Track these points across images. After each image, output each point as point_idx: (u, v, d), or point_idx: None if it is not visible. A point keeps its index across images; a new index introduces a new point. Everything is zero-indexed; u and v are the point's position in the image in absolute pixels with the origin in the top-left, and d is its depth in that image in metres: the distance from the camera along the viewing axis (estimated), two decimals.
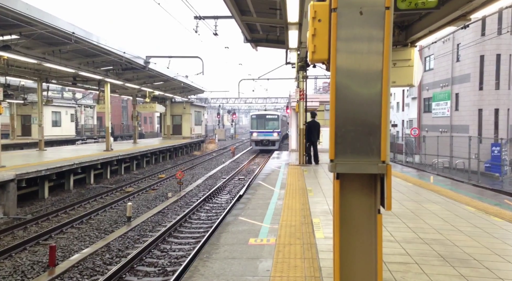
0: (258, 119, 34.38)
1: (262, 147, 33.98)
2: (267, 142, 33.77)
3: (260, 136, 33.77)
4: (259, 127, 33.88)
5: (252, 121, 34.93)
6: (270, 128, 33.86)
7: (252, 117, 35.25)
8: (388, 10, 2.67)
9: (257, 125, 34.14)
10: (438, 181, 12.36)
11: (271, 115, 34.91)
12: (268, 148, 33.60)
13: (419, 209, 7.50)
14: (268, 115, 34.84)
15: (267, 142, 33.77)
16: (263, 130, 33.78)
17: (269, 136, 33.65)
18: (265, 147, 33.91)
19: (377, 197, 2.81)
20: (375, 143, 2.72)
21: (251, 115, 35.96)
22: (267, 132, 33.69)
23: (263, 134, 33.69)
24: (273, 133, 33.65)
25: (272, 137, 33.72)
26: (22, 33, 13.73)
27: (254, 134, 34.09)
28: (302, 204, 7.92)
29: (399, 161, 28.93)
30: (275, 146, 33.39)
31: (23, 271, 7.44)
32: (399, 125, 38.73)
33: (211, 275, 4.28)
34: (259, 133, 33.73)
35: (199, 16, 14.84)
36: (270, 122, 34.28)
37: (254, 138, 34.31)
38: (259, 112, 36.67)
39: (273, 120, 34.43)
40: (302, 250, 5.05)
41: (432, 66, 32.00)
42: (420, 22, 8.57)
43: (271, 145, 33.65)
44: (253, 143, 34.79)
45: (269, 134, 33.62)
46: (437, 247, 5.15)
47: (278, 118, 34.55)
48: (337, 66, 2.74)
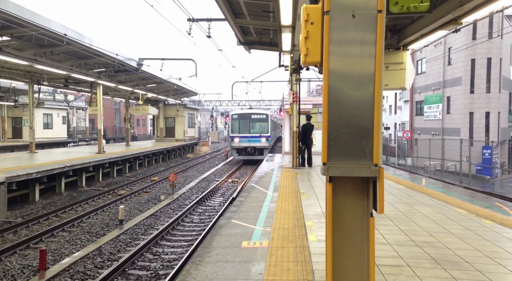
0: (240, 121, 26.56)
1: (246, 156, 26.24)
2: (253, 150, 26.02)
3: (243, 142, 25.85)
4: (242, 131, 26.15)
5: (233, 123, 26.79)
6: (256, 132, 26.23)
7: (233, 118, 27.09)
8: (381, 14, 2.67)
9: (239, 128, 26.32)
10: (430, 183, 12.43)
11: (258, 115, 27.15)
12: (254, 157, 25.88)
13: (411, 212, 7.52)
14: (254, 115, 27.00)
15: (253, 150, 26.03)
16: (247, 134, 26.05)
17: (255, 143, 25.86)
18: (250, 156, 26.10)
19: (369, 200, 2.81)
20: (368, 146, 2.72)
21: (232, 115, 27.58)
22: (252, 137, 25.97)
23: (247, 139, 25.91)
24: (260, 138, 25.98)
25: (259, 143, 25.84)
26: (13, 35, 13.60)
27: (236, 140, 26.04)
28: (295, 206, 7.91)
29: (392, 163, 29.09)
30: (263, 155, 25.09)
31: (13, 275, 7.34)
32: (391, 128, 38.95)
33: (203, 279, 4.25)
34: (242, 138, 25.94)
35: (193, 19, 14.81)
36: (256, 123, 26.69)
37: (236, 146, 26.11)
38: (242, 111, 28.54)
39: (261, 121, 26.84)
40: (295, 253, 5.04)
41: (424, 69, 32.26)
42: (412, 26, 8.63)
43: (258, 154, 25.94)
44: (234, 151, 26.57)
45: (255, 140, 25.94)
46: (429, 250, 5.17)
47: (267, 118, 26.90)
48: (330, 69, 2.74)
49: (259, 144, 26.01)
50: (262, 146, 26.16)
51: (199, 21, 15.15)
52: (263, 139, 26.10)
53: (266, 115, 27.15)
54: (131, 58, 20.24)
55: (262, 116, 27.01)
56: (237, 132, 26.27)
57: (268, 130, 26.55)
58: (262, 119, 26.91)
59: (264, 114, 27.22)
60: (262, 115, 27.13)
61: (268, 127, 26.66)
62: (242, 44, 15.28)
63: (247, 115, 27.05)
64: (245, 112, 27.85)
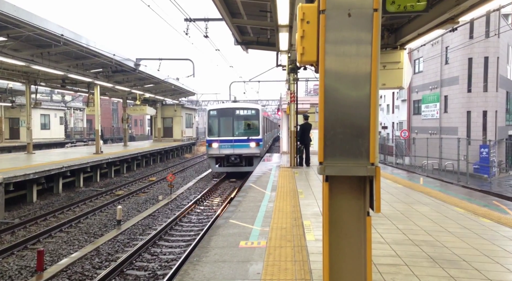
0: (221, 119, 19.42)
1: (229, 168, 19.15)
2: (238, 158, 18.86)
3: (224, 149, 18.80)
4: (224, 133, 19.16)
5: (211, 122, 19.57)
6: (243, 134, 19.26)
7: (211, 115, 19.56)
8: (376, 12, 2.67)
9: (219, 129, 19.27)
10: (428, 182, 12.45)
11: (245, 111, 19.87)
12: (240, 169, 18.99)
13: (409, 211, 7.53)
14: (240, 111, 19.74)
15: (238, 159, 18.87)
16: (230, 137, 19.02)
17: (242, 149, 18.84)
18: (235, 168, 19.06)
19: (366, 199, 2.81)
20: (364, 145, 2.72)
21: (209, 112, 19.85)
22: (237, 141, 18.95)
23: (230, 145, 18.86)
24: (248, 142, 18.92)
25: (247, 150, 18.86)
26: (9, 35, 13.55)
27: (214, 145, 18.82)
28: (293, 206, 7.91)
29: (389, 162, 29.13)
30: (252, 166, 18.30)
31: (10, 276, 7.32)
32: (389, 127, 39.00)
33: (201, 279, 4.24)
34: (224, 143, 18.81)
35: (190, 18, 14.79)
36: (243, 122, 19.73)
37: (214, 153, 18.92)
38: (223, 106, 22.06)
39: (249, 118, 19.72)
40: (292, 253, 5.04)
41: (421, 68, 32.31)
42: (409, 25, 8.65)
43: (246, 164, 19.03)
44: (212, 161, 19.28)
45: (241, 145, 18.91)
46: (427, 249, 5.17)
47: (258, 115, 19.63)
48: (326, 68, 2.74)
49: (247, 151, 18.62)
50: (250, 153, 18.62)
51: (196, 21, 15.14)
52: (252, 144, 18.66)
53: (256, 110, 19.49)
54: (128, 58, 20.21)
55: (250, 112, 19.49)
56: (216, 134, 18.96)
57: (260, 131, 19.18)
58: (251, 116, 19.49)
59: (254, 109, 19.58)
60: (250, 111, 19.54)
61: (260, 127, 19.22)
62: (239, 44, 15.27)
63: (229, 111, 19.41)
64: (227, 106, 20.38)
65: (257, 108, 19.92)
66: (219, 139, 18.96)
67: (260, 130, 19.52)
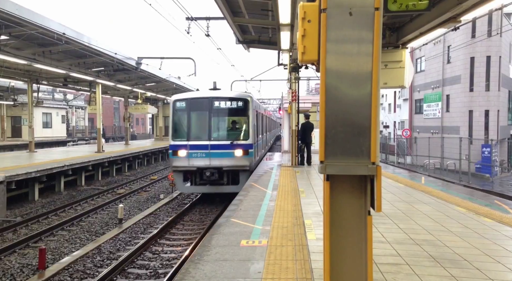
0: (192, 113, 13.32)
1: (203, 187, 13.18)
2: (216, 173, 12.78)
3: (196, 158, 12.81)
4: (196, 135, 13.16)
5: (177, 119, 13.42)
6: (224, 137, 13.21)
7: (177, 108, 13.36)
8: (378, 11, 2.67)
9: (188, 129, 13.18)
10: (429, 181, 12.43)
11: (228, 102, 13.40)
12: (220, 189, 13.13)
13: (410, 210, 7.52)
14: (221, 101, 13.30)
15: (216, 175, 12.80)
16: (204, 141, 12.92)
17: (223, 159, 12.85)
18: (212, 188, 13.08)
19: (367, 198, 2.80)
20: (365, 144, 2.72)
21: (174, 103, 13.41)
22: (216, 147, 12.88)
23: (205, 153, 12.83)
24: (233, 149, 12.92)
25: (231, 160, 12.88)
26: (11, 34, 13.58)
27: (181, 153, 12.86)
28: (294, 205, 7.91)
29: (391, 162, 29.10)
30: (237, 185, 12.68)
31: (12, 274, 7.34)
32: (391, 126, 38.95)
33: (202, 277, 4.25)
34: (195, 151, 12.84)
35: (191, 17, 14.79)
36: (225, 119, 13.53)
37: (181, 165, 12.89)
38: (195, 94, 14.43)
39: (235, 113, 13.53)
40: (294, 252, 5.04)
41: (423, 67, 32.24)
42: (411, 24, 8.62)
43: (229, 182, 13.09)
44: (178, 176, 13.12)
45: (221, 153, 12.87)
46: (428, 248, 5.17)
47: (247, 107, 13.34)
48: (327, 67, 2.73)
49: (230, 162, 12.64)
50: (235, 166, 12.66)
51: (198, 19, 15.13)
52: (238, 151, 12.67)
53: (244, 102, 13.16)
54: (130, 57, 20.21)
55: (237, 105, 13.14)
56: (184, 137, 12.84)
57: (250, 132, 13.05)
58: (238, 110, 13.18)
59: (241, 100, 13.19)
60: (237, 103, 13.16)
61: (250, 126, 13.11)
62: (241, 42, 15.27)
63: (204, 102, 13.05)
64: (201, 95, 13.56)
65: (246, 99, 12.99)
66: (188, 144, 12.45)
67: (251, 131, 12.84)
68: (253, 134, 13.26)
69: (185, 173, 13.01)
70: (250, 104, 13.23)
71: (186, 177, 13.10)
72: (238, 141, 12.93)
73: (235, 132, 13.26)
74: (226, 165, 12.71)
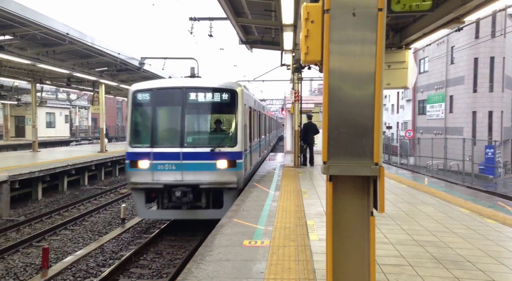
0: (159, 109, 9.62)
1: (174, 212, 9.41)
2: (188, 192, 8.93)
3: (163, 172, 9.04)
4: (163, 139, 9.54)
5: (138, 116, 9.74)
6: (203, 142, 9.59)
7: (139, 101, 9.56)
8: (381, 12, 2.67)
9: (153, 131, 9.39)
10: (432, 182, 12.39)
11: (208, 93, 9.47)
12: (197, 215, 9.30)
13: (413, 211, 7.50)
14: (198, 93, 9.42)
15: (189, 194, 8.93)
16: (175, 148, 9.16)
17: (200, 173, 9.04)
18: (185, 213, 9.22)
19: (370, 199, 2.80)
20: (368, 145, 2.72)
21: (134, 94, 9.53)
22: (191, 156, 9.08)
23: (176, 164, 9.03)
24: (214, 159, 9.11)
25: (212, 175, 9.07)
26: (15, 34, 13.63)
27: (142, 164, 9.08)
28: (297, 205, 7.90)
29: (394, 162, 29.02)
30: (220, 209, 9.03)
31: (16, 273, 7.37)
32: (394, 127, 38.86)
33: (204, 277, 4.25)
34: (161, 161, 9.05)
35: (194, 18, 14.82)
36: (205, 117, 9.96)
37: (142, 182, 9.10)
38: (164, 83, 10.19)
39: (217, 109, 9.82)
40: (296, 252, 5.04)
41: (426, 68, 32.16)
42: (414, 25, 8.61)
43: (210, 205, 9.29)
44: (139, 195, 9.32)
45: (198, 165, 9.08)
46: (431, 249, 5.16)
47: (235, 101, 9.49)
48: (330, 68, 2.73)
49: (210, 177, 9.17)
50: (218, 183, 9.19)
51: (201, 20, 15.16)
52: (221, 162, 9.24)
53: (231, 93, 9.62)
54: (133, 57, 20.26)
55: (220, 98, 9.65)
56: (146, 141, 9.44)
57: (238, 134, 9.49)
58: (221, 105, 9.77)
59: (227, 91, 9.64)
60: (220, 95, 9.63)
61: (238, 126, 9.57)
62: (244, 43, 15.28)
63: (175, 93, 9.65)
64: (171, 85, 10.14)
65: (234, 90, 9.55)
66: (152, 152, 9.06)
67: (239, 135, 9.38)
68: (242, 138, 9.46)
69: (149, 192, 9.27)
70: (239, 97, 9.45)
71: (150, 197, 9.41)
72: (222, 147, 9.12)
73: (218, 136, 9.57)
74: (205, 181, 8.92)
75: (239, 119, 9.51)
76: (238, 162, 9.28)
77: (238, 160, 9.28)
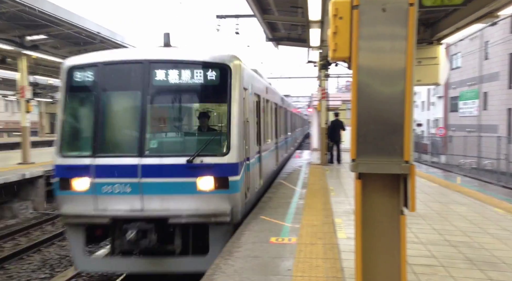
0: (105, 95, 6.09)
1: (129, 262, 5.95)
2: (150, 230, 5.46)
3: (110, 197, 5.66)
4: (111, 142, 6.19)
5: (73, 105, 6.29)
6: (173, 147, 6.34)
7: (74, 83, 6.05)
8: (412, 7, 2.62)
9: (97, 131, 5.95)
10: (465, 182, 12.05)
11: (182, 69, 5.87)
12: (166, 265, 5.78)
13: (445, 211, 7.32)
14: (166, 69, 5.88)
15: (151, 233, 5.46)
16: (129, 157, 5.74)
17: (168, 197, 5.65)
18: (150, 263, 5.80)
19: (400, 197, 2.76)
20: (398, 142, 2.67)
21: (68, 71, 6.03)
22: (155, 172, 5.66)
23: (130, 182, 5.63)
24: (191, 176, 5.61)
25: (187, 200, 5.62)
26: (49, 33, 14.12)
27: (79, 184, 5.72)
28: (324, 203, 7.86)
29: (424, 161, 28.33)
30: (204, 254, 5.66)
31: (51, 265, 7.67)
32: (424, 124, 37.91)
33: (232, 273, 4.30)
34: (108, 177, 5.67)
35: (221, 15, 14.92)
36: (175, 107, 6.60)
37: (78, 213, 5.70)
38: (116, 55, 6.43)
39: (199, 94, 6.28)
40: (324, 250, 5.01)
41: (459, 64, 31.19)
42: (446, 19, 8.35)
43: (188, 249, 5.77)
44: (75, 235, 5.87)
45: (166, 185, 5.65)
46: (464, 250, 5.02)
47: (226, 82, 5.89)
48: (359, 64, 2.70)
49: (187, 204, 5.64)
50: (199, 214, 5.64)
51: (228, 17, 15.24)
52: (205, 181, 5.66)
53: (220, 70, 5.92)
54: None
55: (203, 77, 5.88)
56: (85, 147, 6.10)
57: (232, 135, 5.86)
58: (205, 88, 6.02)
59: (214, 67, 5.91)
60: (203, 73, 5.88)
61: (233, 122, 5.90)
62: (270, 40, 15.26)
63: (131, 70, 6.01)
64: (126, 57, 6.24)
65: (224, 65, 6.01)
66: (93, 164, 5.79)
67: (234, 135, 5.92)
68: (240, 141, 5.99)
69: (90, 230, 6.01)
70: (235, 76, 6.01)
71: (91, 237, 6.09)
72: (206, 156, 5.75)
73: (200, 138, 6.45)
74: (178, 213, 5.66)
75: (235, 111, 5.87)
76: (233, 180, 5.73)
77: (233, 177, 5.74)
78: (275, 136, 11.29)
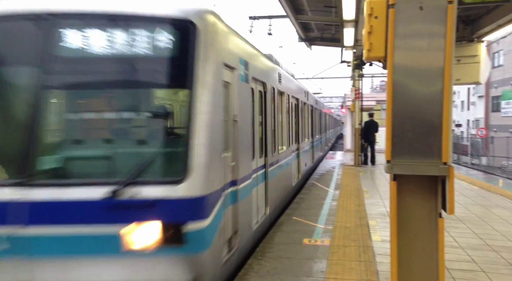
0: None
1: None
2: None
3: None
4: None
5: None
6: (87, 167, 3.45)
7: None
8: (451, 5, 2.55)
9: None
10: (508, 184, 11.55)
11: (104, 24, 3.30)
12: None
13: (486, 214, 7.05)
14: (80, 26, 3.30)
15: None
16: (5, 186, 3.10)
17: (74, 264, 3.10)
18: None
19: (438, 200, 2.69)
20: (436, 143, 2.61)
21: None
22: (48, 215, 3.07)
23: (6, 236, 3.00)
24: (121, 221, 3.05)
25: (106, 269, 3.11)
26: None
27: None
28: (358, 205, 7.74)
29: (464, 163, 27.31)
30: None
31: None
32: (463, 125, 36.58)
33: (265, 274, 4.32)
34: None
35: (254, 16, 15.01)
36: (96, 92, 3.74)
37: None
38: None
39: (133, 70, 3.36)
40: (357, 253, 4.95)
41: (501, 62, 29.95)
42: (487, 16, 8.04)
43: None
44: None
45: (69, 240, 3.08)
46: (507, 255, 4.82)
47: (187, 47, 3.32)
48: (394, 64, 2.66)
49: (114, 276, 3.13)
50: None
51: (260, 19, 15.32)
52: (143, 234, 3.10)
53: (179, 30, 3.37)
54: None
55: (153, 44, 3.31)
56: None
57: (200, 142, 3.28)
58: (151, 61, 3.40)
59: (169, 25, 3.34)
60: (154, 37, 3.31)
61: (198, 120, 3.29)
62: (303, 40, 15.20)
63: (22, 31, 3.38)
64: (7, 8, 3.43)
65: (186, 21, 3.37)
66: None
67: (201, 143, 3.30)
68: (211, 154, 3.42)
69: None
70: (204, 43, 3.45)
71: None
72: (143, 185, 3.12)
73: (137, 150, 3.57)
74: None
75: (203, 103, 3.39)
76: (195, 229, 3.21)
77: (195, 223, 3.22)
78: (295, 141, 9.21)
